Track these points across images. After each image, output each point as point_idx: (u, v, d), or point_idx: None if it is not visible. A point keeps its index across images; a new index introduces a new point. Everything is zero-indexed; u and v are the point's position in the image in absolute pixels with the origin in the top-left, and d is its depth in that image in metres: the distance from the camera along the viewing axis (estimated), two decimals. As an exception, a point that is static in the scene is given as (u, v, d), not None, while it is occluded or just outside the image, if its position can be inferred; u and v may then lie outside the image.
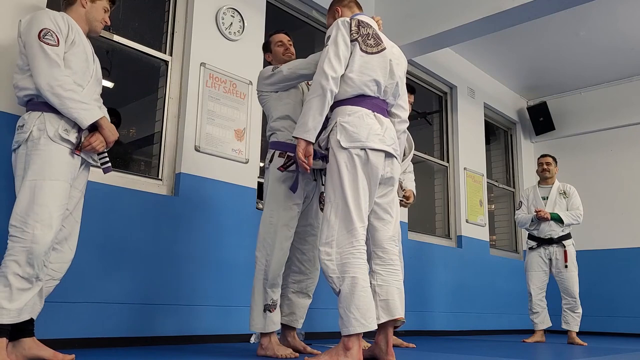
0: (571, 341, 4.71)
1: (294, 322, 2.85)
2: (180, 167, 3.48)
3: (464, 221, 6.10)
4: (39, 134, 2.13)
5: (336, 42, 2.37)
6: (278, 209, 2.70)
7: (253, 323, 2.67)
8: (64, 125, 2.17)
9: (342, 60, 2.36)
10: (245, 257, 3.67)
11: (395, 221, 2.53)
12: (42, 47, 2.14)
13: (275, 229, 2.68)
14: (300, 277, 2.86)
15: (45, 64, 2.14)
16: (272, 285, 2.66)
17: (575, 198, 4.93)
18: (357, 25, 2.42)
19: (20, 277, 2.02)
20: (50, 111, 2.16)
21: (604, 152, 7.06)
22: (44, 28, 2.17)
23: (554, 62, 6.58)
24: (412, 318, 5.03)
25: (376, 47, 2.44)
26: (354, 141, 2.30)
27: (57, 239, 2.22)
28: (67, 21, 2.27)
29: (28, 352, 2.12)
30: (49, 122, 2.15)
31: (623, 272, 6.60)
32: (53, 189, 2.10)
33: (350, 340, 2.18)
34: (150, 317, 3.18)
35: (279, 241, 2.67)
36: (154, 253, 3.24)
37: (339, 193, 2.29)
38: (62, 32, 2.22)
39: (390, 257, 2.44)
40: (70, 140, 2.18)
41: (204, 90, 3.66)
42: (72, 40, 2.26)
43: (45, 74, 2.13)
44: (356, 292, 2.18)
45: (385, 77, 2.45)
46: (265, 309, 2.65)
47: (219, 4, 3.85)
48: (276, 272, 2.66)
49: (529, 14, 4.41)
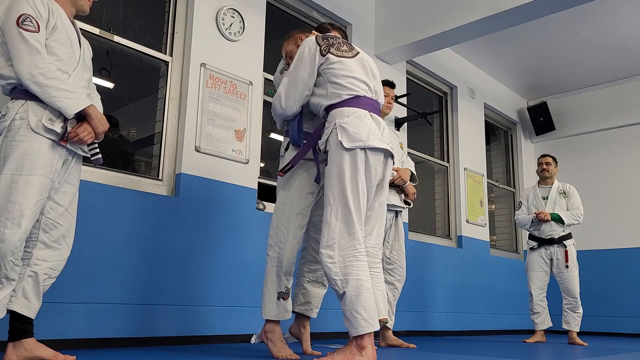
0: (572, 341, 4.71)
1: (309, 311, 2.81)
2: (181, 167, 3.48)
3: (464, 221, 6.10)
4: (20, 123, 2.04)
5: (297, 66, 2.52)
6: (292, 197, 2.67)
7: (266, 311, 2.63)
8: (48, 114, 2.08)
9: (298, 86, 2.50)
10: (246, 257, 3.67)
11: (380, 226, 2.54)
12: (21, 33, 2.04)
13: (289, 217, 2.65)
14: (315, 266, 2.81)
15: (25, 52, 2.04)
16: (287, 273, 2.64)
17: (576, 198, 4.92)
18: (324, 39, 2.51)
19: None
20: (34, 99, 2.07)
21: (604, 152, 7.06)
22: (23, 14, 2.07)
23: (554, 62, 6.58)
24: (412, 318, 5.03)
25: (350, 52, 2.53)
26: (356, 141, 2.31)
27: (54, 237, 2.17)
28: (47, 5, 2.15)
29: (29, 353, 2.10)
30: (32, 111, 2.06)
31: (623, 272, 6.60)
32: (29, 185, 2.02)
33: (364, 340, 2.20)
34: (150, 318, 3.18)
35: (293, 229, 2.65)
36: (154, 253, 3.24)
37: (340, 195, 2.29)
38: (42, 17, 2.11)
39: (374, 260, 2.48)
40: (55, 130, 2.08)
41: (204, 90, 3.66)
42: (54, 25, 2.15)
43: (26, 62, 2.03)
44: (362, 294, 2.21)
45: (369, 77, 2.50)
46: (279, 296, 2.63)
47: (219, 4, 3.85)
48: (290, 260, 2.64)
49: (529, 14, 4.41)
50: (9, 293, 2.04)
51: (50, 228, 2.17)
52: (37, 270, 2.13)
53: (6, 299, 2.04)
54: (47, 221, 2.16)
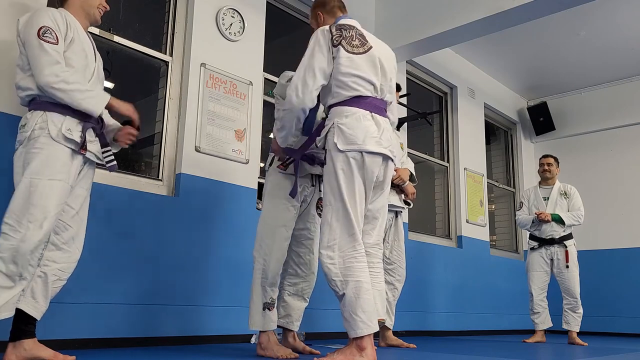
0: (572, 341, 4.71)
1: (289, 324, 2.87)
2: (181, 167, 3.48)
3: (464, 221, 6.10)
4: (40, 132, 2.10)
5: (314, 55, 2.38)
6: (276, 209, 2.73)
7: (252, 322, 2.69)
8: (67, 124, 2.15)
9: (316, 74, 2.35)
10: (246, 257, 3.66)
11: (380, 226, 2.52)
12: (41, 45, 2.11)
13: (273, 229, 2.71)
14: (296, 279, 2.88)
15: (45, 62, 2.10)
16: (272, 284, 2.70)
17: (577, 198, 4.92)
18: (338, 29, 2.41)
19: (3, 274, 2.01)
20: (52, 110, 2.14)
21: (604, 152, 7.05)
22: (43, 26, 2.14)
23: (554, 62, 6.58)
24: (412, 318, 5.03)
25: (362, 47, 2.42)
26: (351, 144, 2.29)
27: (64, 239, 2.22)
28: (65, 18, 2.23)
29: (28, 353, 2.11)
30: (51, 121, 2.13)
31: (623, 272, 6.59)
32: (50, 189, 2.08)
33: (363, 341, 2.21)
34: (150, 318, 3.18)
35: (278, 241, 2.71)
36: (154, 253, 3.24)
37: (338, 196, 2.29)
38: (60, 30, 2.18)
39: (373, 260, 2.46)
40: (74, 139, 2.16)
41: (204, 90, 3.66)
42: (71, 38, 2.22)
43: (46, 72, 2.09)
44: (361, 296, 2.21)
45: (378, 75, 2.42)
46: (264, 307, 2.67)
47: (219, 4, 3.85)
48: (275, 272, 2.69)
49: (529, 14, 4.41)
50: (19, 292, 2.08)
51: (61, 230, 2.22)
52: (47, 271, 2.17)
53: (16, 297, 2.08)
54: (59, 223, 2.21)
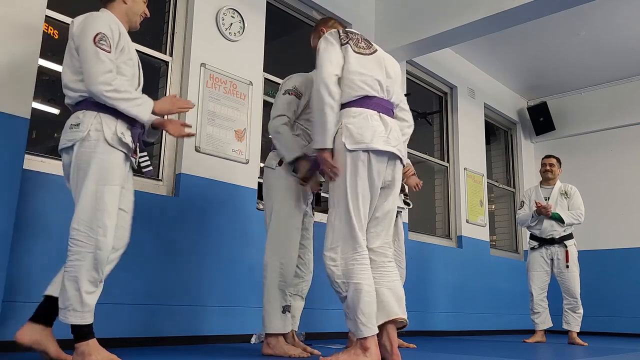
0: (572, 341, 4.71)
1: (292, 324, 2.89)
2: (181, 167, 3.48)
3: (464, 221, 6.10)
4: (96, 135, 2.11)
5: (327, 49, 2.41)
6: (290, 214, 2.77)
7: (271, 325, 2.66)
8: (120, 127, 2.17)
9: (334, 65, 2.38)
10: (246, 257, 3.67)
11: (389, 227, 2.51)
12: (96, 52, 2.10)
13: (289, 233, 2.76)
14: (296, 280, 2.89)
15: (98, 69, 2.09)
16: (289, 287, 2.75)
17: (577, 198, 4.93)
18: (345, 32, 2.48)
19: (88, 281, 2.07)
20: (105, 112, 2.14)
21: (604, 152, 7.06)
22: (100, 32, 2.13)
23: (554, 62, 6.58)
24: (412, 318, 4.97)
25: (368, 49, 2.50)
26: (359, 143, 2.30)
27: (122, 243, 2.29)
28: (118, 27, 2.23)
29: (37, 336, 2.14)
30: (106, 123, 2.14)
31: (623, 272, 6.60)
32: (112, 194, 2.14)
33: (367, 341, 2.23)
34: (150, 318, 3.18)
35: (294, 244, 2.77)
36: (154, 254, 3.24)
37: (342, 198, 2.30)
38: (114, 38, 2.18)
39: (382, 259, 2.42)
40: (127, 143, 2.18)
41: (204, 90, 3.66)
42: (122, 47, 2.22)
43: (99, 80, 2.08)
44: (361, 298, 2.23)
45: (384, 76, 2.47)
46: (284, 310, 2.69)
47: (219, 4, 3.85)
48: (292, 274, 2.76)
49: (529, 14, 4.41)
50: (98, 295, 2.15)
51: None
52: None
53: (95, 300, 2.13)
54: None
